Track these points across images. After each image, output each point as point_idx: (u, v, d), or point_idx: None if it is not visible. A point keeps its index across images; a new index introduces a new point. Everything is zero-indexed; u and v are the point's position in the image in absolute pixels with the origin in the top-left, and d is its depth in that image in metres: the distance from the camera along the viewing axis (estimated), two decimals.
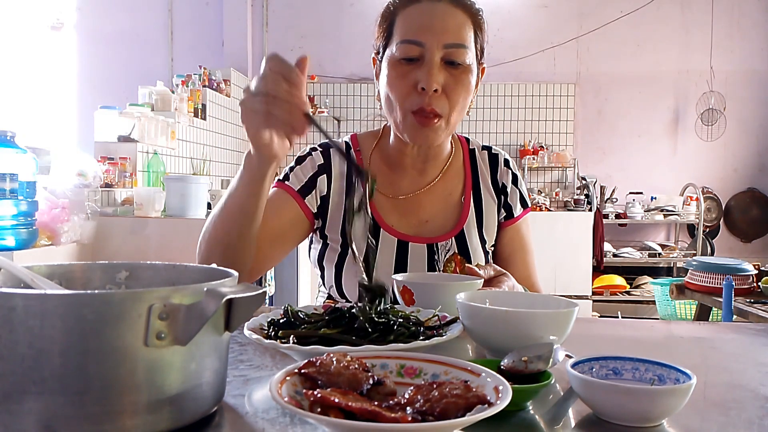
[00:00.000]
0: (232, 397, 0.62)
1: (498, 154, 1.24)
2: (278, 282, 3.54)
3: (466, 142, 1.24)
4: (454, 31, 1.01)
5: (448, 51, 1.00)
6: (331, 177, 1.15)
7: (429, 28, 1.00)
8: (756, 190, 5.41)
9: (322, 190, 1.14)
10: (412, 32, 1.01)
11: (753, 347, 0.91)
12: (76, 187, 2.74)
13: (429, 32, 1.00)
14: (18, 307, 0.47)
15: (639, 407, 0.55)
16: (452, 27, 1.01)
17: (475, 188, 1.20)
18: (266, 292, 0.68)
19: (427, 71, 0.99)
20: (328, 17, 5.48)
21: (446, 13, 1.01)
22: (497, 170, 1.22)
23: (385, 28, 1.07)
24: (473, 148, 1.23)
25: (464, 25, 1.03)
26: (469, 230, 1.15)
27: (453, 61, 1.01)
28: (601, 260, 4.84)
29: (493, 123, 5.46)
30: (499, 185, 1.21)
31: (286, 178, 1.15)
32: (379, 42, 1.09)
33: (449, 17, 1.01)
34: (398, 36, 1.03)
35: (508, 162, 1.23)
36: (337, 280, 1.12)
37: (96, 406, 0.48)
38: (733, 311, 2.60)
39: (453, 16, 1.02)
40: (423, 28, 1.01)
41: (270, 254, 1.08)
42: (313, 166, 1.15)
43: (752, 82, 5.36)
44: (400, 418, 0.46)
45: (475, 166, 1.22)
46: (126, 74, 5.18)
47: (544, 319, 0.72)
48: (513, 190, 1.21)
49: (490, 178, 1.21)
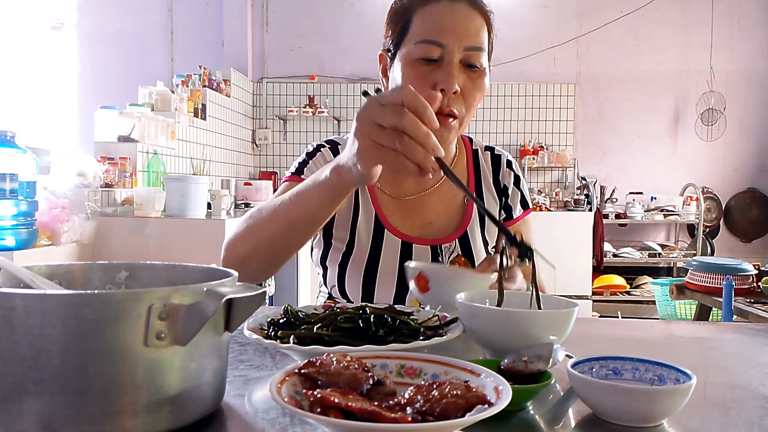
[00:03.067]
0: (232, 397, 0.62)
1: (501, 155, 1.24)
2: (278, 282, 3.54)
3: (470, 142, 1.24)
4: (473, 34, 1.00)
5: (467, 54, 1.00)
6: None
7: (451, 29, 0.99)
8: (756, 190, 5.41)
9: None
10: (432, 32, 1.00)
11: (753, 347, 0.91)
12: (76, 187, 2.74)
13: (450, 33, 0.99)
14: (18, 307, 0.47)
15: (639, 407, 0.55)
16: (472, 30, 1.01)
17: (478, 189, 1.20)
18: (266, 292, 0.68)
19: (448, 73, 0.98)
20: (328, 17, 5.48)
21: (466, 14, 1.01)
22: (500, 171, 1.22)
23: (401, 26, 1.04)
24: (476, 149, 1.23)
25: (481, 27, 1.03)
26: (472, 232, 1.15)
27: (471, 64, 1.01)
28: (601, 260, 4.84)
29: (493, 123, 5.46)
30: (501, 186, 1.21)
31: (300, 172, 1.14)
32: (391, 39, 1.07)
33: (469, 19, 1.01)
34: (417, 35, 1.01)
35: (510, 163, 1.23)
36: (340, 280, 1.12)
37: (96, 406, 0.48)
38: (733, 311, 2.60)
39: (472, 18, 1.01)
40: (444, 28, 0.99)
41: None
42: (325, 161, 1.14)
43: (752, 82, 5.36)
44: (400, 418, 0.46)
45: (477, 167, 1.22)
46: (126, 74, 5.18)
47: (544, 319, 0.72)
48: (514, 191, 1.21)
49: (492, 178, 1.21)
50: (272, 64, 5.52)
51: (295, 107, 5.40)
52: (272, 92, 5.53)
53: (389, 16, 1.08)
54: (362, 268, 1.10)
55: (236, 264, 0.95)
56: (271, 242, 0.91)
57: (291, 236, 0.90)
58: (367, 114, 0.72)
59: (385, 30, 1.09)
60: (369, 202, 1.14)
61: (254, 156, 5.55)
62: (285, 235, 0.90)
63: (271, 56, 5.50)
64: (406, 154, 0.70)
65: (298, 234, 0.90)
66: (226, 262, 0.97)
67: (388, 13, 1.09)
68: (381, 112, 0.70)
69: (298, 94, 5.50)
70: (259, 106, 5.52)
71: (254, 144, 5.52)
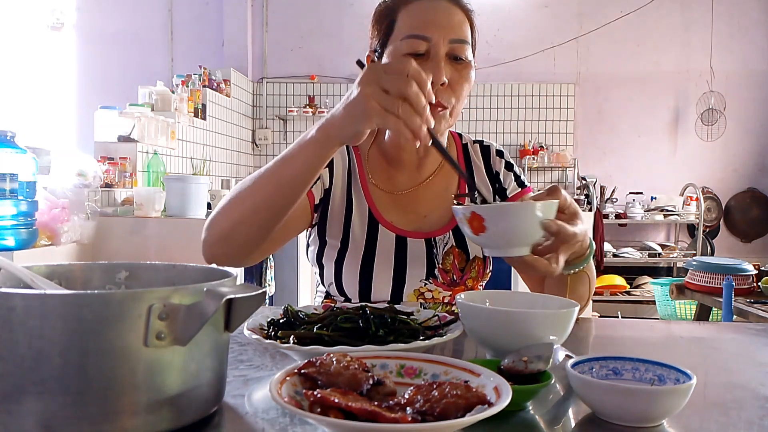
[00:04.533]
0: (232, 397, 0.62)
1: (490, 145, 1.26)
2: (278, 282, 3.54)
3: (459, 137, 1.26)
4: (457, 28, 1.04)
5: (452, 46, 1.03)
6: (333, 172, 1.15)
7: (435, 23, 1.03)
8: (756, 190, 5.41)
9: (326, 184, 1.15)
10: (417, 27, 1.03)
11: (753, 347, 0.91)
12: (76, 187, 2.74)
13: (435, 27, 1.02)
14: (18, 307, 0.47)
15: (639, 407, 0.55)
16: (455, 23, 1.04)
17: (471, 182, 1.20)
18: (266, 292, 0.68)
19: (435, 65, 1.01)
20: (328, 17, 5.48)
21: (448, 10, 1.05)
22: (490, 160, 1.24)
23: (386, 25, 1.08)
24: (466, 143, 1.26)
25: (464, 22, 1.06)
26: None
27: (457, 56, 1.04)
28: (601, 260, 4.84)
29: (493, 123, 5.46)
30: (493, 173, 1.23)
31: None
32: (377, 39, 1.10)
33: (451, 14, 1.05)
34: (403, 31, 1.04)
35: (500, 152, 1.25)
36: (337, 278, 1.12)
37: (96, 406, 0.48)
38: (733, 311, 2.60)
39: (454, 13, 1.05)
40: (429, 23, 1.03)
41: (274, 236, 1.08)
42: None
43: (752, 82, 5.36)
44: (400, 419, 0.46)
45: (468, 161, 1.23)
46: (126, 74, 5.18)
47: (544, 319, 0.72)
48: (506, 174, 1.23)
49: (484, 168, 1.23)
50: (272, 64, 5.51)
51: (295, 107, 5.40)
52: (272, 92, 5.53)
53: (374, 17, 1.11)
54: (358, 265, 1.10)
55: (218, 241, 0.94)
56: (256, 211, 0.91)
57: (277, 200, 0.90)
58: (375, 79, 0.76)
59: (371, 31, 1.12)
60: (362, 198, 1.14)
61: (254, 156, 5.55)
62: (271, 199, 0.90)
63: (271, 56, 5.50)
64: (406, 121, 0.75)
65: (285, 196, 0.90)
66: (206, 242, 0.96)
67: (373, 15, 1.12)
68: (389, 80, 0.75)
69: (298, 94, 5.50)
70: (259, 106, 5.52)
71: (254, 144, 5.52)
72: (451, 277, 1.13)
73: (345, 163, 1.17)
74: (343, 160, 1.17)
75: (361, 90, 0.77)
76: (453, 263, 1.13)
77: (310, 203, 1.13)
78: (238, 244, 0.94)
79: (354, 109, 0.79)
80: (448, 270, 1.13)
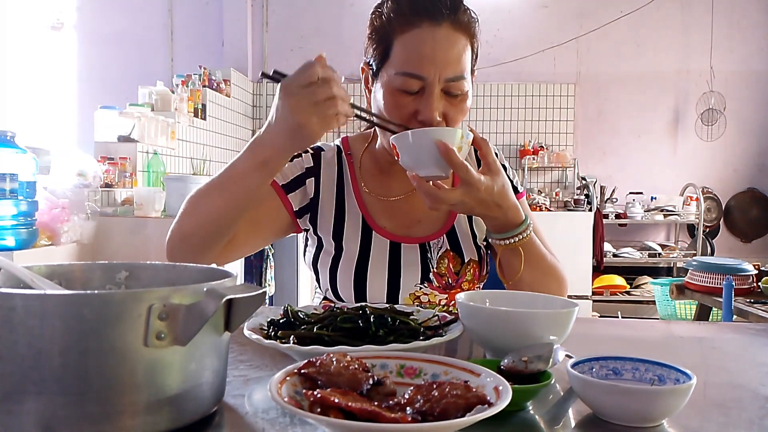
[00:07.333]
0: (232, 397, 0.62)
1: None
2: (278, 282, 3.54)
3: None
4: (454, 63, 0.98)
5: (448, 84, 0.99)
6: (320, 181, 1.15)
7: (431, 59, 0.97)
8: (756, 190, 5.41)
9: (310, 193, 1.14)
10: (412, 64, 0.98)
11: (753, 347, 0.91)
12: (76, 187, 2.74)
13: (431, 64, 0.97)
14: (18, 307, 0.47)
15: (639, 407, 0.55)
16: (453, 58, 0.98)
17: None
18: (266, 292, 0.68)
19: (429, 104, 0.98)
20: (328, 17, 5.48)
21: (447, 39, 0.98)
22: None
23: (381, 50, 1.03)
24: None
25: (464, 52, 1.00)
26: (459, 226, 1.16)
27: (452, 93, 1.00)
28: (601, 260, 4.84)
29: (493, 123, 5.45)
30: None
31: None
32: (372, 58, 1.06)
33: (450, 45, 0.98)
34: (397, 65, 1.00)
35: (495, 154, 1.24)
36: (332, 283, 1.12)
37: (96, 406, 0.48)
38: (733, 311, 2.60)
39: (454, 43, 0.99)
40: (424, 59, 0.97)
41: (244, 241, 1.08)
42: (301, 168, 1.15)
43: (752, 82, 5.36)
44: (400, 419, 0.46)
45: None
46: (126, 74, 5.18)
47: (544, 319, 0.72)
48: None
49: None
50: (272, 64, 5.51)
51: None
52: (272, 92, 5.52)
53: (370, 30, 1.06)
54: (352, 272, 1.10)
55: (178, 240, 1.00)
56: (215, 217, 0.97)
57: (233, 214, 0.97)
58: (297, 97, 0.86)
59: (366, 43, 1.08)
60: (355, 205, 1.14)
61: None
62: (228, 214, 0.97)
63: (271, 56, 5.50)
64: (342, 111, 0.87)
65: (240, 210, 0.98)
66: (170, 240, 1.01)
67: (368, 26, 1.06)
68: (313, 92, 0.85)
69: None
70: (259, 106, 5.52)
71: None
72: (446, 280, 1.12)
73: (334, 172, 1.16)
74: (331, 169, 1.16)
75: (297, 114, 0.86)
76: (448, 267, 1.13)
77: (288, 210, 1.13)
78: (196, 243, 1.00)
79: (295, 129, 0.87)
80: (443, 274, 1.12)
